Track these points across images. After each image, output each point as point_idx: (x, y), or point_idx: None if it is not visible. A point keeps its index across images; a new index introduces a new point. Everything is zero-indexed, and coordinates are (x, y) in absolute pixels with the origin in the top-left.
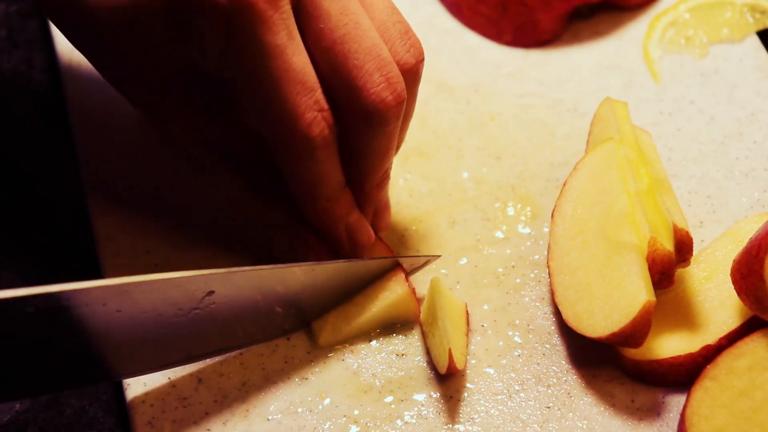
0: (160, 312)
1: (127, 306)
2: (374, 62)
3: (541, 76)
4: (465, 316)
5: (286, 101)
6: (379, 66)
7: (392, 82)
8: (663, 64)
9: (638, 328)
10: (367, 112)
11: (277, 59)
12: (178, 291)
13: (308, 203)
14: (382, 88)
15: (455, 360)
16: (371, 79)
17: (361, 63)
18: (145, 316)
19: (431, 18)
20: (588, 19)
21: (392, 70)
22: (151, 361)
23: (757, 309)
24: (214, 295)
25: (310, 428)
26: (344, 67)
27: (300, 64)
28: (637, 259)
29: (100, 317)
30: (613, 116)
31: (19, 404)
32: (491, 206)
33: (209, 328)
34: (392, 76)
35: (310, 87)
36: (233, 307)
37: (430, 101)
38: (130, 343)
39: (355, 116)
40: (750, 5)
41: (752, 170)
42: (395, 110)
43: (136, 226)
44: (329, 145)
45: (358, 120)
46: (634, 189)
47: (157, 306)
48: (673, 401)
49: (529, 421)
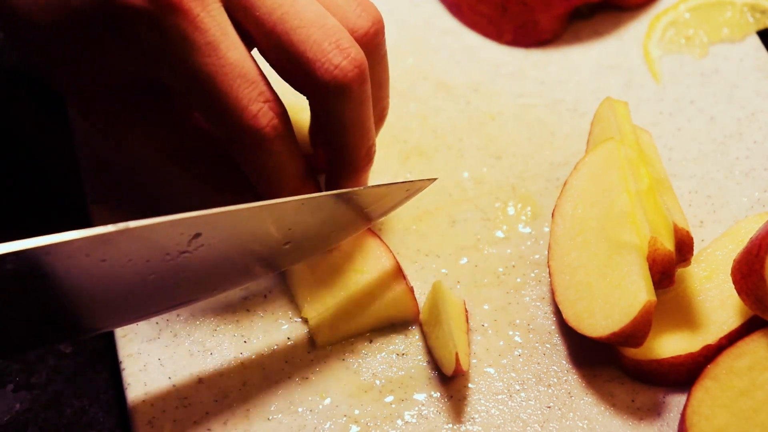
0: (147, 258)
1: (111, 255)
2: (319, 32)
3: (542, 75)
4: (464, 314)
5: (227, 96)
6: (326, 35)
7: (343, 47)
8: (663, 64)
9: (639, 327)
10: (326, 84)
11: (211, 56)
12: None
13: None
14: (333, 55)
15: (462, 362)
16: (320, 49)
17: (305, 36)
18: (132, 263)
19: (431, 17)
20: (588, 19)
21: (341, 36)
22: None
23: (758, 309)
24: (201, 237)
25: (310, 428)
26: (291, 45)
27: (237, 57)
28: (637, 258)
29: (84, 268)
30: (614, 116)
31: (19, 404)
32: (491, 206)
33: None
34: (341, 42)
35: (250, 79)
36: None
37: (430, 101)
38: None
39: (318, 93)
40: (750, 5)
41: (752, 170)
42: (353, 75)
43: None
44: (282, 136)
45: (322, 96)
46: (634, 189)
47: (143, 252)
48: (673, 401)
49: (530, 420)
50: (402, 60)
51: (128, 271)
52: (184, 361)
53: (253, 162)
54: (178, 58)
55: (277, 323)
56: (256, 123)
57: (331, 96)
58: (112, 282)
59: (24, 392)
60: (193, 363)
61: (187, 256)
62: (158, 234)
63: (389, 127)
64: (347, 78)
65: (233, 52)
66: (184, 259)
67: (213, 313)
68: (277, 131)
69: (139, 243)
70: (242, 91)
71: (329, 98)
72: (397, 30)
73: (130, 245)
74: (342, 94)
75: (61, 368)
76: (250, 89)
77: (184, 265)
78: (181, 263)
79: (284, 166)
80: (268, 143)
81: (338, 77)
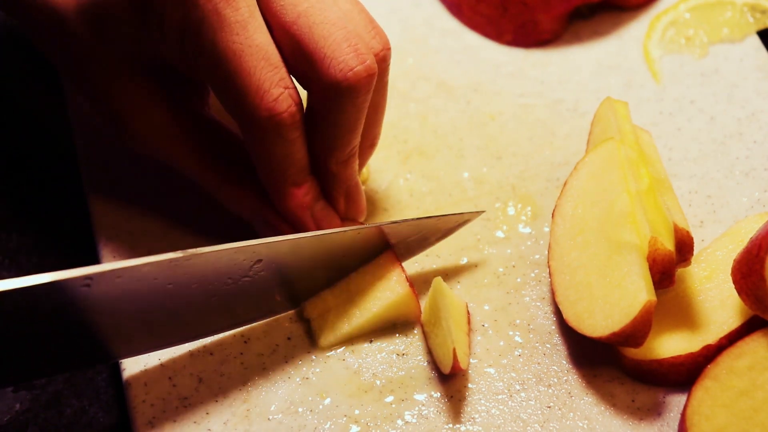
0: (211, 281)
1: (178, 279)
2: (341, 32)
3: (542, 75)
4: (466, 315)
5: (250, 76)
6: (346, 37)
7: (361, 52)
8: (663, 64)
9: (639, 327)
10: (337, 83)
11: (239, 34)
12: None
13: (276, 189)
14: (351, 57)
15: (459, 360)
16: (339, 49)
17: (328, 33)
18: (196, 286)
19: (431, 18)
20: (588, 19)
21: (360, 42)
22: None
23: (758, 308)
24: (262, 263)
25: (310, 428)
26: (310, 38)
27: (263, 40)
28: (637, 258)
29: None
30: (614, 116)
31: (19, 404)
32: (492, 206)
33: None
34: (360, 47)
35: (274, 64)
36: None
37: (431, 101)
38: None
39: (324, 89)
40: (750, 5)
41: (752, 170)
42: (365, 81)
43: (136, 226)
44: (296, 125)
45: (327, 93)
46: (634, 189)
47: (207, 276)
48: (673, 401)
49: (530, 420)
50: (402, 60)
51: (192, 292)
52: (185, 361)
53: (263, 147)
54: (204, 35)
55: (278, 323)
56: (275, 107)
57: (337, 96)
58: (175, 303)
59: (24, 392)
60: (193, 363)
61: (247, 280)
62: (223, 260)
63: (389, 127)
64: (359, 82)
65: (259, 34)
66: (244, 283)
67: None
68: (293, 119)
69: (205, 268)
70: (265, 74)
71: (334, 97)
72: (397, 30)
73: (196, 269)
74: (348, 95)
75: None
76: (273, 73)
77: (244, 288)
78: (241, 287)
79: (294, 156)
80: (284, 129)
81: (350, 79)
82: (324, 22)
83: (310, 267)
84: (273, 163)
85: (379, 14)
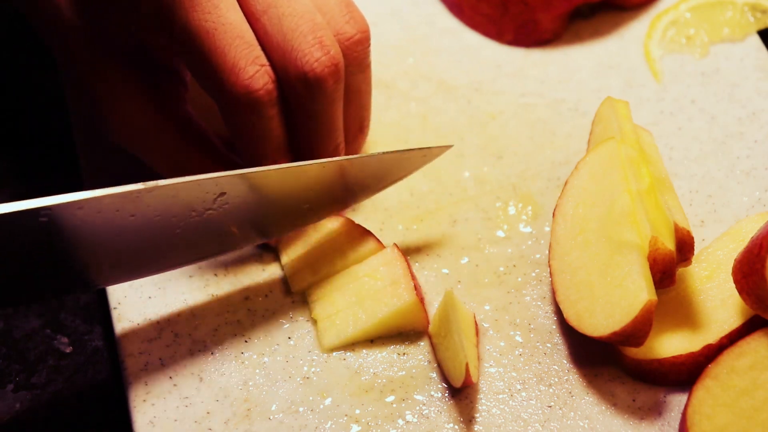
0: (173, 214)
1: (140, 210)
2: (307, 25)
3: (542, 75)
4: (474, 327)
5: (225, 55)
6: (312, 29)
7: (324, 44)
8: (664, 64)
9: (639, 327)
10: (304, 74)
11: (212, 13)
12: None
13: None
14: (315, 49)
15: (471, 374)
16: (305, 41)
17: (295, 25)
18: (159, 219)
19: (432, 17)
20: (589, 19)
21: (325, 33)
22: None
23: (759, 308)
24: (226, 196)
25: (311, 428)
26: (279, 29)
27: (236, 18)
28: (638, 258)
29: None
30: (615, 115)
31: (19, 404)
32: (492, 205)
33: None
34: (324, 39)
35: (248, 42)
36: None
37: (431, 100)
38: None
39: (293, 81)
40: (751, 4)
41: (753, 169)
42: (329, 71)
43: None
44: (273, 102)
45: (297, 84)
46: (635, 188)
47: (171, 209)
48: (674, 400)
49: (531, 420)
50: (403, 60)
51: (155, 225)
52: (186, 361)
53: (241, 125)
54: (177, 14)
55: (279, 323)
56: (251, 84)
57: (307, 87)
58: (138, 235)
59: (24, 392)
60: (194, 363)
61: (211, 213)
62: (185, 192)
63: (390, 127)
64: (323, 72)
65: (232, 12)
66: (208, 216)
67: (214, 312)
68: (270, 96)
69: (167, 200)
70: (240, 52)
71: (304, 88)
72: (397, 30)
73: (159, 202)
74: (316, 86)
75: (61, 368)
76: (248, 51)
77: (208, 221)
78: (205, 220)
79: (271, 134)
80: (260, 106)
81: (316, 70)
82: (292, 14)
83: (275, 200)
84: (251, 140)
85: (379, 14)
